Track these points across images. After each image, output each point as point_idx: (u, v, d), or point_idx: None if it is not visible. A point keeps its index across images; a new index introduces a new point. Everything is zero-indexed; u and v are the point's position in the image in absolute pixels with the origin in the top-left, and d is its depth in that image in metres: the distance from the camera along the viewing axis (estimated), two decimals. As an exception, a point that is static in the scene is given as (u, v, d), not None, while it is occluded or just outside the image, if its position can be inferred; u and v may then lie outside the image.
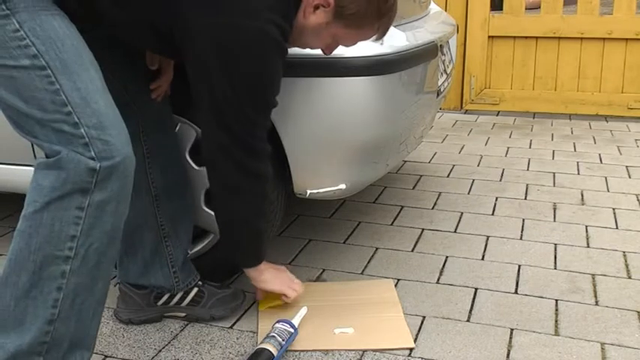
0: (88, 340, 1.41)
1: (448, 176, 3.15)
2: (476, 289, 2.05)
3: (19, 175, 2.10)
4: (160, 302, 1.86)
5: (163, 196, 1.80)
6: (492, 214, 2.68)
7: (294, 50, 1.62)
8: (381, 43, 1.81)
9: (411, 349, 1.73)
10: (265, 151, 1.62)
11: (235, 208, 1.66)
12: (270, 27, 1.46)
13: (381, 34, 1.61)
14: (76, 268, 1.32)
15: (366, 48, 1.78)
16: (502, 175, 3.17)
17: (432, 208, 2.74)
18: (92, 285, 1.35)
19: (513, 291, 2.04)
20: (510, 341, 1.77)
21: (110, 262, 1.39)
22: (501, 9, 4.40)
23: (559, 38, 4.32)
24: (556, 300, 1.99)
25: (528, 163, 3.35)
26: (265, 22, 1.45)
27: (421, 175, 3.16)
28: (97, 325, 1.43)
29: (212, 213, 1.93)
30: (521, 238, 2.44)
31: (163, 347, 1.75)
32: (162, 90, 1.76)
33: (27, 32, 1.28)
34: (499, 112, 4.48)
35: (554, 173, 3.19)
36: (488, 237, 2.45)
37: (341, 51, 1.69)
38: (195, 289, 1.87)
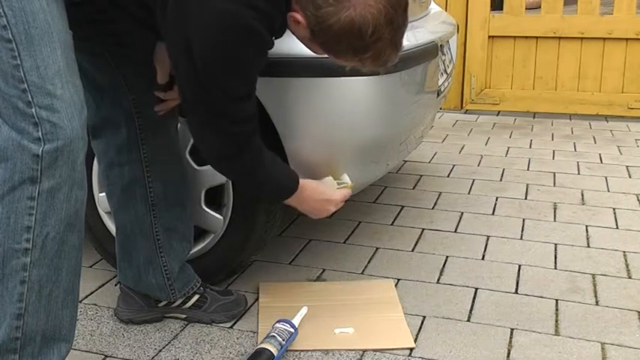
0: (63, 332, 1.38)
1: (448, 176, 3.15)
2: (476, 289, 2.05)
3: None
4: (161, 304, 1.86)
5: (161, 205, 1.76)
6: (492, 214, 2.68)
7: (295, 50, 1.61)
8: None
9: (412, 349, 1.73)
10: (229, 132, 1.51)
11: (236, 170, 1.61)
12: (244, 10, 1.35)
13: (374, 67, 1.44)
14: (36, 259, 1.30)
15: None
16: (502, 175, 3.17)
17: (432, 208, 2.74)
18: (56, 275, 1.33)
19: (513, 291, 2.04)
20: (510, 341, 1.77)
21: (73, 249, 1.35)
22: (501, 9, 4.40)
23: (559, 38, 4.32)
24: (556, 300, 1.99)
25: (528, 163, 3.35)
26: (239, 3, 1.34)
27: (421, 175, 3.16)
28: (71, 315, 1.39)
29: (212, 213, 1.94)
30: (521, 238, 2.44)
31: (163, 347, 1.75)
32: (168, 106, 1.70)
33: (2, 2, 1.25)
34: (499, 112, 4.48)
35: (554, 173, 3.19)
36: (488, 237, 2.45)
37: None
38: (197, 296, 1.86)
